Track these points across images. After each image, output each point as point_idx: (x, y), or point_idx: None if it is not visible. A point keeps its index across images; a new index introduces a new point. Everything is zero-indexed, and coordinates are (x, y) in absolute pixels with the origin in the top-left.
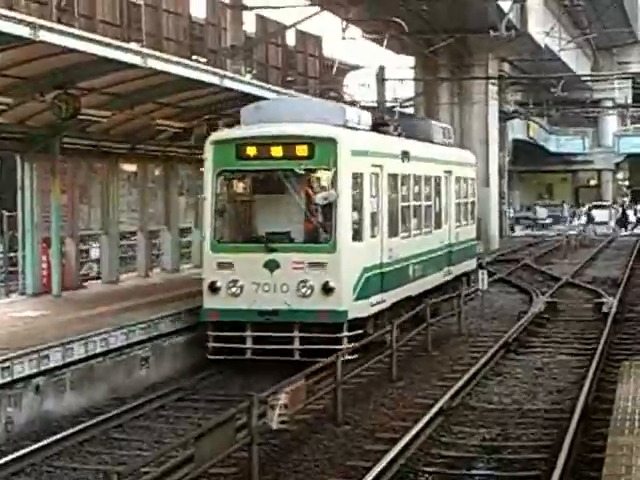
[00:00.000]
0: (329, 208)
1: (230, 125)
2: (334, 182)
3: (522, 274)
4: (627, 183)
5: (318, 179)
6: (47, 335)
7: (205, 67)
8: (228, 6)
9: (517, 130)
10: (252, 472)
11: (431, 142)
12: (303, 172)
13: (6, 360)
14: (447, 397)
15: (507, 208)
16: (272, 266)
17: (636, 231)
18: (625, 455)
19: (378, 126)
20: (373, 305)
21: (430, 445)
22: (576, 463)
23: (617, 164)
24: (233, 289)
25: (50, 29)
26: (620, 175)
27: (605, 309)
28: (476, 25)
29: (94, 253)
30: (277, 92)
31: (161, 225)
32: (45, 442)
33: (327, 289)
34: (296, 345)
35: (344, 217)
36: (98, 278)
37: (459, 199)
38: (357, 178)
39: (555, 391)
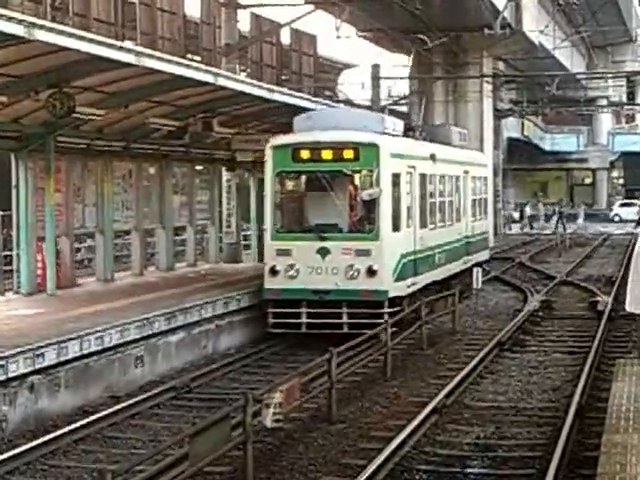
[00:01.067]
0: (372, 203)
1: (224, 124)
2: (377, 181)
3: (517, 272)
4: (622, 181)
5: (362, 178)
6: (43, 333)
7: (199, 65)
8: (222, 4)
9: (512, 128)
10: (247, 470)
11: (450, 145)
12: (350, 173)
13: (1, 358)
14: (442, 395)
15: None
16: (324, 252)
17: None
18: (620, 453)
19: (408, 132)
20: (408, 287)
21: (424, 443)
22: (571, 461)
23: (612, 162)
24: (290, 272)
25: (45, 28)
26: (615, 173)
27: (600, 307)
28: (471, 23)
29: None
30: (271, 91)
31: (156, 224)
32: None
33: (371, 272)
34: (344, 320)
35: (385, 211)
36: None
37: (474, 196)
38: (395, 177)
39: (550, 389)
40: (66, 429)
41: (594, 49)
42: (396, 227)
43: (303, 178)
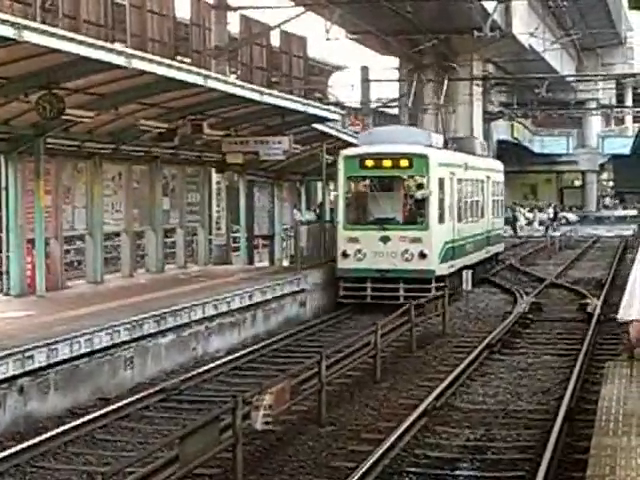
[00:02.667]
0: (423, 201)
1: (214, 126)
2: (427, 184)
3: (506, 274)
4: (611, 184)
5: (415, 182)
6: (32, 335)
7: (190, 68)
8: (212, 7)
9: (501, 131)
10: (237, 473)
11: (474, 154)
12: (405, 177)
13: None
14: (431, 398)
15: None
16: (385, 240)
17: None
18: (609, 456)
19: (445, 144)
20: (449, 268)
21: (414, 445)
22: (560, 464)
23: (601, 165)
24: (358, 255)
25: (34, 29)
26: (604, 176)
27: (589, 310)
28: (461, 26)
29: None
30: (261, 93)
31: (145, 226)
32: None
33: (422, 255)
34: (400, 293)
35: (433, 207)
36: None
37: (494, 197)
38: (440, 181)
39: (539, 392)
40: (55, 431)
41: (584, 52)
42: (441, 220)
43: (368, 181)
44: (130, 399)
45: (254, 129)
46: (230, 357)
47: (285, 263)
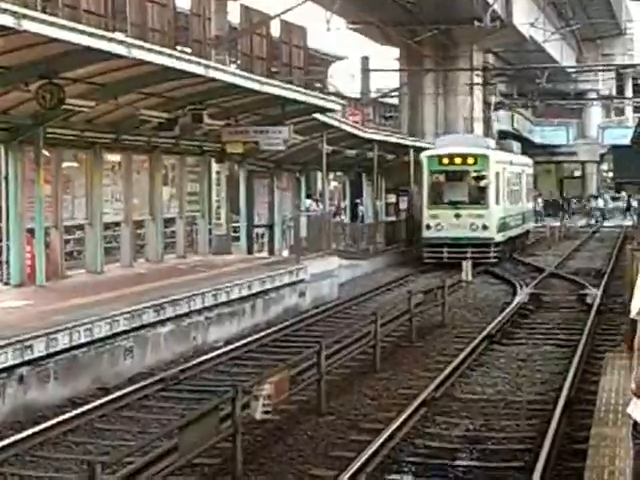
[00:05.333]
0: (485, 188)
1: (214, 116)
2: (487, 176)
3: (506, 265)
4: (611, 175)
5: (479, 174)
6: (32, 324)
7: (190, 57)
8: None
9: (502, 121)
10: (236, 462)
11: (512, 153)
12: (472, 171)
13: None
14: (431, 388)
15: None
16: (457, 216)
17: None
18: (608, 446)
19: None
20: (502, 237)
21: (414, 436)
22: (560, 454)
23: (601, 155)
24: (438, 227)
25: (34, 18)
26: (604, 166)
27: (589, 300)
28: (461, 16)
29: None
30: (261, 83)
31: (145, 215)
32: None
33: (484, 227)
34: (469, 255)
35: (492, 192)
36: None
37: (527, 186)
38: (497, 174)
39: (539, 382)
40: (55, 420)
41: (584, 42)
42: (497, 202)
43: (444, 174)
44: (129, 388)
45: (254, 119)
46: (230, 347)
47: (285, 253)
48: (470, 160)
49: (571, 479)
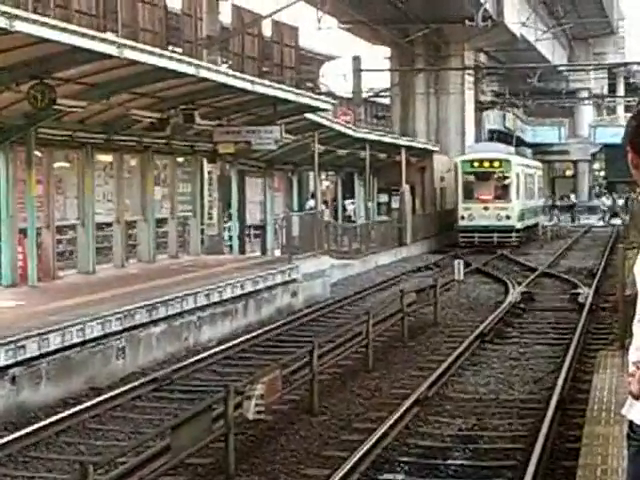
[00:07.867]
0: (507, 186)
1: (206, 116)
2: (510, 176)
3: (498, 264)
4: (603, 174)
5: (503, 175)
6: (24, 324)
7: (181, 57)
8: None
9: (493, 120)
10: (229, 462)
11: (526, 157)
12: (497, 172)
13: None
14: (423, 387)
15: None
16: (486, 209)
17: None
18: (601, 445)
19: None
20: (521, 225)
21: (407, 435)
22: (552, 452)
23: (593, 154)
24: (470, 217)
25: (25, 19)
26: (596, 165)
27: (581, 299)
28: (452, 15)
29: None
30: (253, 83)
31: (137, 215)
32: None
33: (507, 217)
34: (495, 240)
35: (514, 189)
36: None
37: (539, 185)
38: (517, 175)
39: (531, 381)
40: (48, 421)
41: (575, 41)
42: (517, 198)
43: (474, 175)
44: (122, 389)
45: (246, 119)
46: (222, 347)
47: (277, 253)
48: (496, 164)
49: (564, 478)
